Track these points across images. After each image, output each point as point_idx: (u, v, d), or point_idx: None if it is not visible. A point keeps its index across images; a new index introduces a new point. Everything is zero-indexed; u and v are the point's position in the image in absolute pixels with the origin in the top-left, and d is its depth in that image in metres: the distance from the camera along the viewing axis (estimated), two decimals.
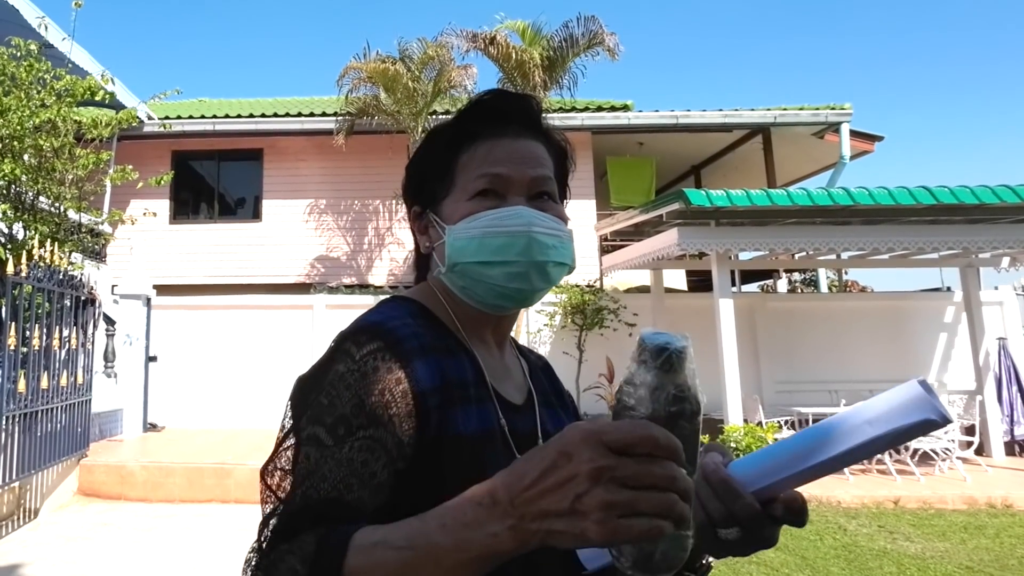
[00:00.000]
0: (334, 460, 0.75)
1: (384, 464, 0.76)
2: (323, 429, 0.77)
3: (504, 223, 0.89)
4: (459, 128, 0.96)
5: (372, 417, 0.77)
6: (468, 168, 0.93)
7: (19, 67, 7.37)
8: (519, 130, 0.95)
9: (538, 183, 0.93)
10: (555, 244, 0.91)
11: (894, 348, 10.33)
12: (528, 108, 0.97)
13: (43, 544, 5.73)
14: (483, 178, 0.91)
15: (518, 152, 0.93)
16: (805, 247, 8.15)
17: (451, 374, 0.86)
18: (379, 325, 0.85)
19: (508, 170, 0.92)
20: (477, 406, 0.88)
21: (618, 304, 10.04)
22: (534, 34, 11.26)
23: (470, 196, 0.92)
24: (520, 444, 0.91)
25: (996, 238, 7.90)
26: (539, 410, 0.99)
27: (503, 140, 0.93)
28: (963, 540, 5.87)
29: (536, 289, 0.92)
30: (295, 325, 10.54)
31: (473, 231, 0.90)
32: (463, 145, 0.94)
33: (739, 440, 6.89)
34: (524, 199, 0.92)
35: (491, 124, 0.94)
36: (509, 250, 0.89)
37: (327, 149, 12.11)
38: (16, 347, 6.03)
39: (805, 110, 11.72)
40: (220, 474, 7.29)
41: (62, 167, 7.71)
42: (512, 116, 0.96)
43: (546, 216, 0.92)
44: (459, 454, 0.82)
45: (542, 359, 1.15)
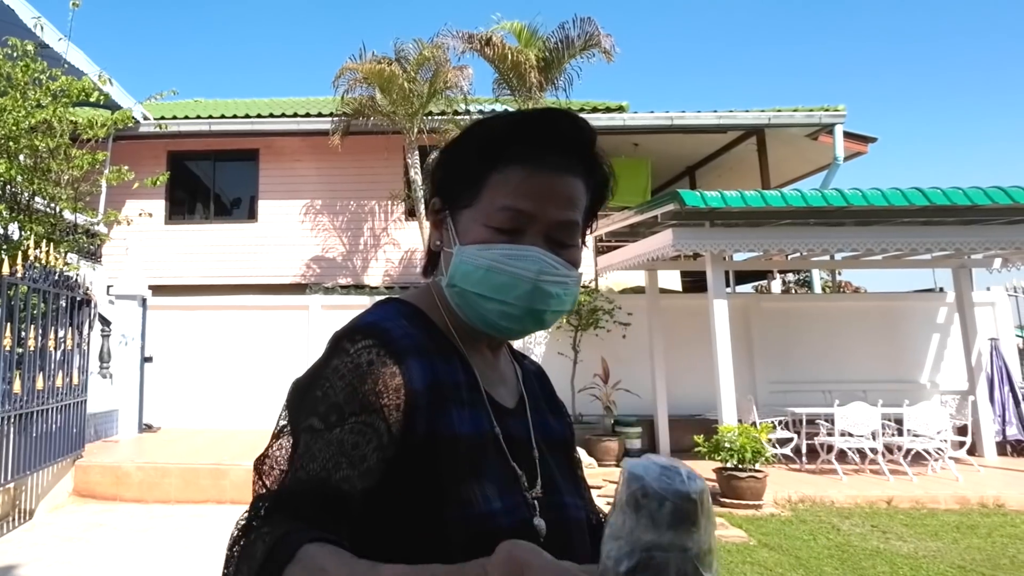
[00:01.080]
0: (324, 441, 0.77)
1: (374, 448, 0.77)
2: (316, 418, 0.79)
3: (513, 263, 0.86)
4: (500, 140, 0.90)
5: (364, 404, 0.78)
6: (497, 189, 0.88)
7: (15, 67, 7.36)
8: (561, 161, 0.89)
9: (562, 228, 0.89)
10: (559, 293, 0.88)
11: (887, 348, 10.38)
12: (581, 139, 0.92)
13: (38, 545, 5.73)
14: (507, 212, 0.87)
15: (552, 190, 0.88)
16: (799, 248, 8.18)
17: (443, 375, 0.86)
18: (374, 325, 0.86)
19: (535, 208, 0.87)
20: (470, 409, 0.88)
21: (613, 304, 10.06)
22: (530, 35, 11.28)
23: (489, 223, 0.88)
24: (514, 449, 0.91)
25: (988, 239, 7.94)
26: (530, 415, 0.98)
27: (539, 172, 0.88)
28: (955, 539, 5.91)
29: (526, 331, 0.91)
30: (291, 325, 10.53)
31: (480, 260, 0.87)
32: (499, 160, 0.89)
33: (733, 441, 6.90)
34: (542, 240, 0.88)
35: (536, 148, 0.89)
36: (510, 291, 0.86)
37: (323, 150, 12.11)
38: (11, 348, 6.02)
39: (799, 111, 11.76)
40: (216, 475, 7.29)
41: (58, 167, 7.71)
42: (560, 144, 0.90)
43: (558, 263, 0.87)
44: (454, 455, 0.82)
45: (536, 365, 1.14)
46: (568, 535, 0.92)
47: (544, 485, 0.92)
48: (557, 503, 0.93)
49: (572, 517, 0.94)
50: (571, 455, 1.06)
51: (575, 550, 0.92)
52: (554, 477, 0.95)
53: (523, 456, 0.92)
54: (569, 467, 1.03)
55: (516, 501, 0.86)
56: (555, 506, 0.92)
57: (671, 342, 9.76)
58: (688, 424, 9.19)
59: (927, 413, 8.06)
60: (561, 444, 1.03)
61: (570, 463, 1.04)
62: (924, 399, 9.13)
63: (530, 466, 0.92)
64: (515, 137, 0.90)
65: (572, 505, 0.96)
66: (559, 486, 0.95)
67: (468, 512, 0.80)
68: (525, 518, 0.86)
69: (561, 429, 1.05)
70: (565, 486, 0.97)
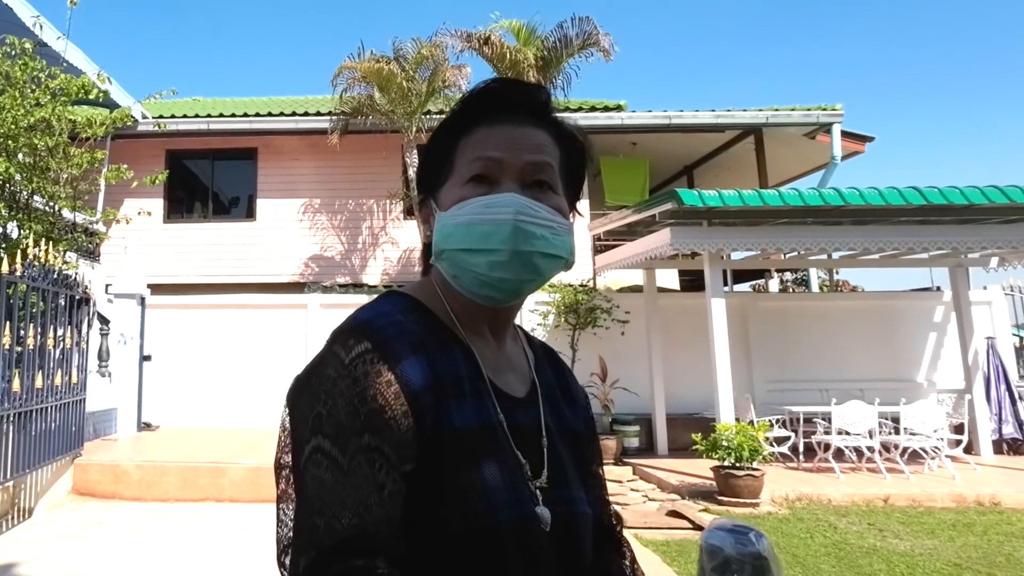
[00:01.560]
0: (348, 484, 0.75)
1: (387, 472, 0.76)
2: (327, 441, 0.77)
3: (490, 210, 0.85)
4: (462, 113, 0.93)
5: (368, 424, 0.77)
6: (465, 153, 0.90)
7: (13, 66, 7.36)
8: (523, 117, 0.91)
9: (535, 169, 0.89)
10: (544, 234, 0.86)
11: (884, 347, 10.40)
12: (535, 97, 0.94)
13: (38, 543, 5.73)
14: (477, 162, 0.88)
15: (516, 137, 0.90)
16: (797, 247, 8.20)
17: (444, 370, 0.85)
18: (367, 324, 0.84)
19: (503, 154, 0.88)
20: (473, 400, 0.86)
21: (611, 303, 10.08)
22: (528, 34, 11.30)
23: (464, 181, 0.89)
24: (521, 438, 0.89)
25: (985, 238, 7.96)
26: (542, 404, 0.96)
27: (503, 126, 0.90)
28: (952, 537, 5.92)
29: (523, 280, 0.87)
30: (289, 324, 10.53)
31: (460, 218, 0.87)
32: (463, 130, 0.92)
33: (731, 439, 6.92)
34: (518, 186, 0.88)
35: (494, 110, 0.91)
36: (492, 238, 0.85)
37: (321, 148, 12.11)
38: (11, 346, 6.03)
39: (797, 111, 11.78)
40: (215, 473, 7.29)
41: (56, 166, 7.71)
42: (517, 104, 0.93)
43: (538, 205, 0.87)
44: (456, 449, 0.81)
45: (550, 351, 1.11)
46: (575, 529, 0.91)
47: (552, 477, 0.90)
48: (566, 497, 0.91)
49: (579, 511, 0.92)
50: (584, 448, 1.03)
51: (581, 545, 0.92)
52: (564, 469, 0.93)
53: (532, 446, 0.91)
54: (582, 460, 1.00)
55: (520, 494, 0.85)
56: (563, 500, 0.90)
57: (669, 341, 9.78)
58: (686, 423, 9.21)
59: (924, 412, 8.08)
60: (573, 435, 1.00)
61: (583, 456, 1.01)
62: (921, 398, 9.14)
63: (538, 456, 0.90)
64: (474, 106, 0.93)
65: (580, 499, 0.94)
66: (568, 479, 0.93)
67: (469, 507, 0.80)
68: (528, 512, 0.84)
69: (575, 420, 1.03)
70: (575, 479, 0.95)
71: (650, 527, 6.16)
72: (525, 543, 0.82)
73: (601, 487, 1.06)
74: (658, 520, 6.32)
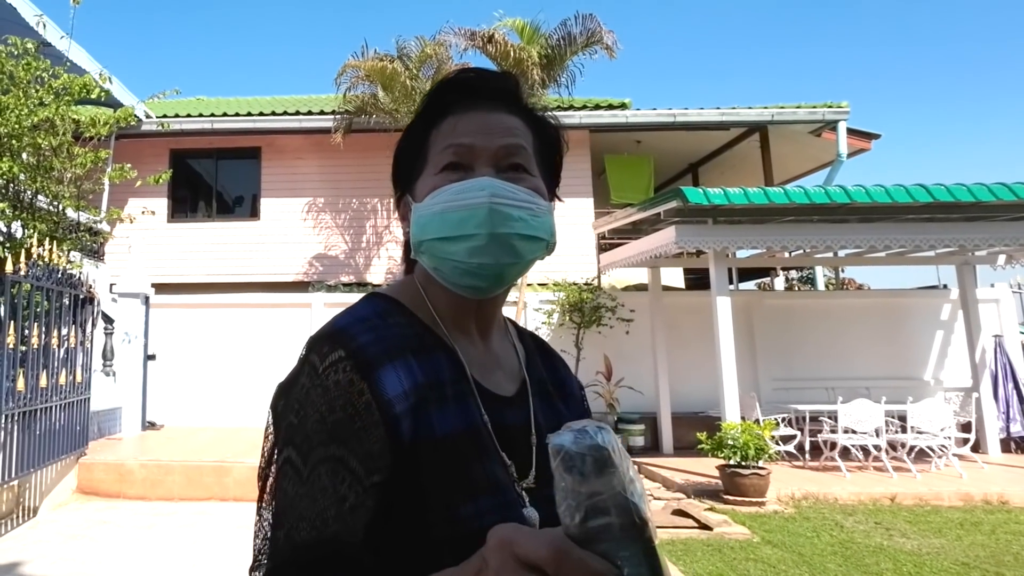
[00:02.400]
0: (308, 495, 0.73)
1: (350, 484, 0.74)
2: (294, 451, 0.76)
3: (464, 195, 0.83)
4: (432, 104, 0.92)
5: (334, 435, 0.75)
6: (437, 143, 0.89)
7: (17, 65, 7.36)
8: (492, 104, 0.90)
9: (508, 152, 0.87)
10: (522, 216, 0.84)
11: (891, 345, 10.36)
12: (504, 84, 0.93)
13: (42, 542, 5.74)
14: (448, 149, 0.87)
15: (487, 123, 0.88)
16: (802, 245, 8.16)
17: (422, 376, 0.82)
18: (342, 332, 0.81)
19: (474, 140, 0.87)
20: (456, 404, 0.83)
21: (616, 302, 10.05)
22: (532, 32, 11.26)
23: (437, 171, 0.87)
24: (510, 438, 0.87)
25: (992, 236, 7.92)
26: (532, 401, 0.94)
27: (473, 112, 0.89)
28: (959, 536, 5.89)
29: (503, 264, 0.85)
30: (293, 323, 10.53)
31: (435, 206, 0.85)
32: (434, 121, 0.91)
33: (736, 438, 6.90)
34: (492, 170, 0.86)
35: (463, 99, 0.90)
36: (468, 223, 0.82)
37: (325, 147, 12.11)
38: (15, 345, 6.04)
39: (802, 108, 11.73)
40: (219, 472, 7.30)
41: (60, 165, 7.70)
42: (487, 91, 0.91)
43: (514, 187, 0.85)
44: (436, 457, 0.79)
45: (542, 344, 1.09)
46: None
47: (542, 476, 0.86)
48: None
49: None
50: None
51: None
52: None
53: (521, 446, 0.88)
54: None
55: (507, 498, 0.82)
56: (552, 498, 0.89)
57: (674, 339, 9.75)
58: (691, 421, 9.19)
59: (931, 410, 8.04)
60: None
61: None
62: (928, 396, 9.10)
63: (527, 456, 0.88)
64: (443, 96, 0.91)
65: None
66: None
67: (453, 514, 0.77)
68: (514, 516, 0.81)
69: (570, 415, 0.99)
70: None
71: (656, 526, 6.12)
72: None
73: None
74: (663, 519, 6.29)
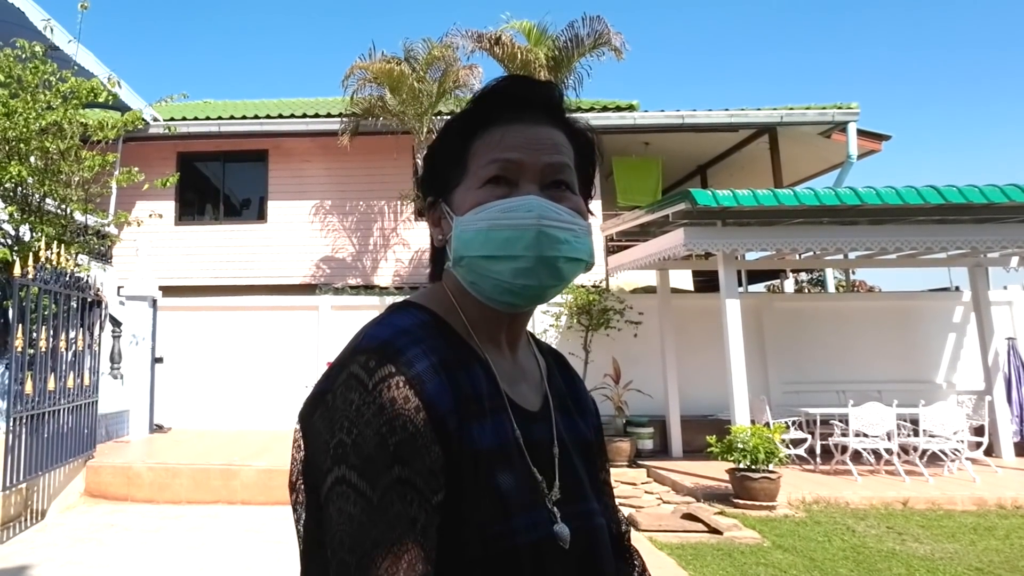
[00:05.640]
0: (382, 521, 0.72)
1: (419, 505, 0.73)
2: (354, 473, 0.74)
3: (512, 214, 0.83)
4: (474, 113, 0.91)
5: (398, 455, 0.74)
6: (480, 154, 0.87)
7: (25, 69, 7.39)
8: (537, 116, 0.89)
9: (554, 170, 0.87)
10: (567, 238, 0.84)
11: (902, 348, 10.28)
12: (548, 95, 0.92)
13: (50, 545, 5.74)
14: (494, 164, 0.86)
15: (533, 137, 0.87)
16: (812, 247, 8.10)
17: (466, 389, 0.82)
18: (388, 345, 0.80)
19: (521, 155, 0.85)
20: (492, 418, 0.84)
21: (624, 304, 10.01)
22: (539, 34, 11.25)
23: (480, 184, 0.86)
24: (535, 454, 0.87)
25: (1005, 237, 7.84)
26: (555, 416, 0.94)
27: (518, 125, 0.87)
28: (973, 541, 5.83)
29: (546, 286, 0.85)
30: (301, 326, 10.54)
31: (480, 223, 0.84)
32: (477, 131, 0.89)
33: (746, 441, 6.84)
34: (537, 187, 0.85)
35: (507, 109, 0.89)
36: (516, 244, 0.82)
37: (332, 150, 12.10)
38: (23, 349, 6.05)
39: (812, 109, 11.66)
40: (226, 475, 7.29)
41: (68, 169, 7.73)
42: (530, 102, 0.90)
43: (559, 207, 0.84)
44: (475, 470, 0.79)
45: (560, 358, 1.09)
46: (594, 542, 0.89)
47: (569, 490, 0.88)
48: (582, 510, 0.89)
49: (596, 524, 0.91)
50: (596, 458, 1.01)
51: (600, 557, 0.89)
52: (580, 481, 0.92)
53: (545, 460, 0.89)
54: (593, 470, 0.99)
55: (539, 514, 0.83)
56: (580, 514, 0.88)
57: (683, 342, 9.70)
58: (701, 425, 9.14)
59: (943, 413, 7.96)
60: (585, 445, 0.99)
61: (594, 466, 1.00)
62: (940, 399, 9.03)
63: (550, 469, 0.88)
64: (485, 105, 0.90)
65: (595, 511, 0.92)
66: (583, 491, 0.92)
67: (488, 531, 0.77)
68: (547, 533, 0.82)
69: (586, 430, 1.01)
70: (589, 491, 0.93)
71: (665, 530, 6.09)
72: (544, 564, 0.80)
73: (610, 495, 1.04)
74: (673, 523, 6.25)
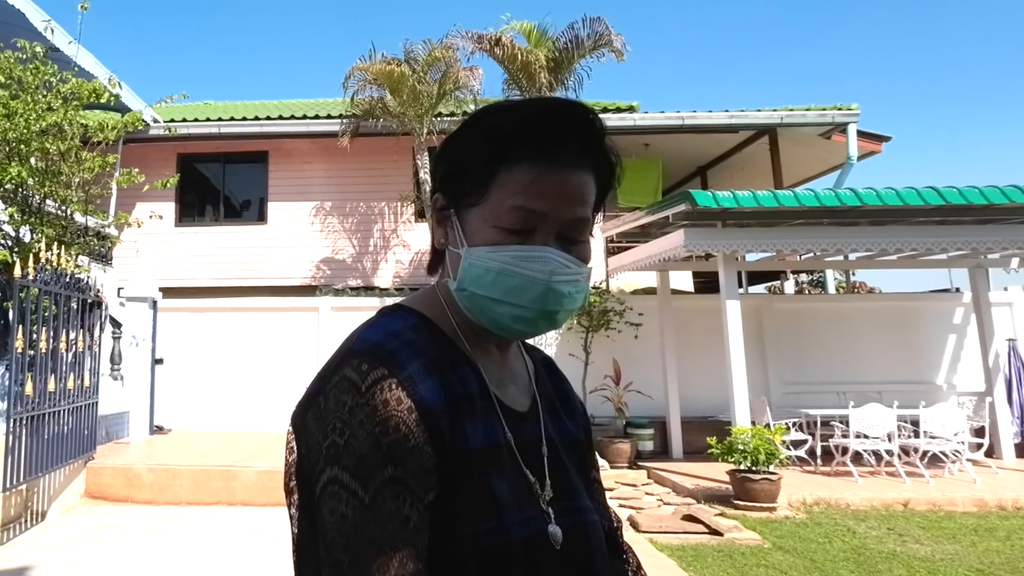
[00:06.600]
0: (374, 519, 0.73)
1: (411, 504, 0.75)
2: (346, 474, 0.75)
3: (524, 265, 0.82)
4: (509, 136, 0.85)
5: (391, 455, 0.75)
6: (506, 188, 0.84)
7: (25, 70, 7.39)
8: (573, 158, 0.85)
9: (574, 225, 0.86)
10: (571, 292, 0.85)
11: (903, 349, 10.28)
12: (589, 131, 0.88)
13: (50, 546, 5.73)
14: (519, 212, 0.83)
15: (564, 188, 0.84)
16: (812, 248, 8.11)
17: (457, 389, 0.84)
18: (379, 348, 0.81)
19: (546, 207, 0.83)
20: (483, 419, 0.85)
21: (624, 306, 10.01)
22: (540, 35, 11.25)
23: (500, 224, 0.84)
24: (526, 453, 0.89)
25: (1005, 238, 7.85)
26: (543, 417, 0.95)
27: (551, 171, 0.84)
28: (973, 543, 5.82)
29: (539, 332, 0.89)
30: (301, 327, 10.54)
31: (491, 263, 0.83)
32: (508, 160, 0.84)
33: (747, 442, 6.84)
34: (554, 238, 0.85)
35: (546, 144, 0.84)
36: (522, 294, 0.83)
37: (332, 151, 12.10)
38: (23, 350, 6.04)
39: (812, 111, 11.66)
40: (227, 476, 7.28)
41: (68, 170, 7.73)
42: (570, 140, 0.86)
43: (570, 262, 0.85)
44: (468, 470, 0.81)
45: (547, 359, 1.10)
46: (586, 540, 0.90)
47: (560, 490, 0.90)
48: (574, 508, 0.91)
49: (589, 520, 0.92)
50: (586, 457, 1.03)
51: (593, 555, 0.90)
52: (571, 481, 0.93)
53: (535, 460, 0.90)
54: (584, 469, 1.00)
55: (531, 512, 0.84)
56: (572, 511, 0.90)
57: (683, 343, 9.70)
58: (701, 426, 9.13)
59: (944, 414, 7.96)
60: (575, 445, 1.00)
61: (585, 465, 1.01)
62: (941, 400, 9.02)
63: (540, 469, 0.90)
64: (524, 133, 0.85)
65: (588, 508, 0.94)
66: (575, 490, 0.93)
67: (480, 528, 0.79)
68: (539, 529, 0.84)
69: (575, 430, 1.02)
70: (581, 489, 0.95)
71: (665, 531, 6.08)
72: (537, 562, 0.82)
73: (601, 493, 1.05)
74: (673, 524, 6.24)
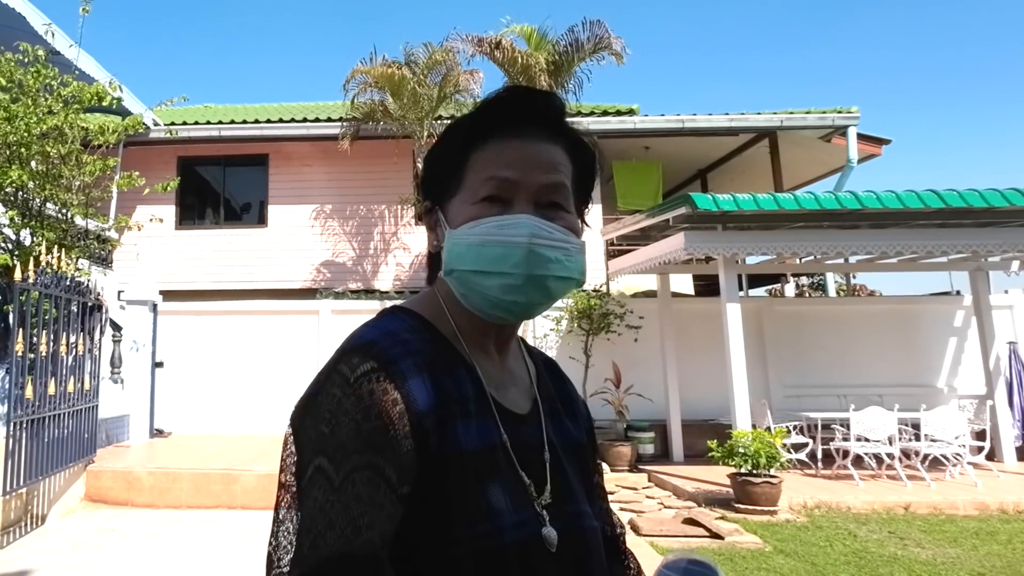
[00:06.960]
0: (339, 502, 0.73)
1: (385, 492, 0.75)
2: (326, 460, 0.76)
3: (503, 232, 0.84)
4: (474, 124, 0.91)
5: (369, 443, 0.75)
6: (477, 168, 0.88)
7: (26, 74, 7.40)
8: (537, 131, 0.89)
9: (549, 190, 0.88)
10: (558, 257, 0.85)
11: (904, 352, 10.27)
12: (550, 108, 0.92)
13: (50, 550, 5.72)
14: (490, 181, 0.86)
15: (532, 155, 0.88)
16: (813, 251, 8.10)
17: (450, 390, 0.84)
18: (373, 344, 0.82)
19: (517, 174, 0.86)
20: (477, 420, 0.85)
21: (625, 309, 10.00)
22: (540, 38, 11.27)
23: (476, 199, 0.87)
24: (524, 457, 0.88)
25: (1006, 241, 7.84)
26: (544, 420, 0.95)
27: (516, 142, 0.88)
28: (975, 546, 5.81)
29: (535, 303, 0.87)
30: (301, 330, 10.53)
31: (471, 238, 0.85)
32: (476, 142, 0.89)
33: (747, 446, 6.83)
34: (532, 206, 0.87)
35: (508, 122, 0.89)
36: (506, 261, 0.84)
37: (333, 154, 12.11)
38: (23, 353, 6.04)
39: (812, 113, 11.68)
40: (227, 480, 7.28)
41: (69, 173, 7.73)
42: (531, 116, 0.90)
43: (552, 227, 0.86)
44: (461, 471, 0.81)
45: (550, 362, 1.10)
46: (584, 544, 0.90)
47: (558, 493, 0.89)
48: (572, 511, 0.90)
49: (587, 525, 0.92)
50: (588, 460, 1.02)
51: (590, 559, 0.90)
52: (570, 484, 0.93)
53: (535, 463, 0.90)
54: (586, 473, 1.00)
55: (525, 515, 0.84)
56: (570, 515, 0.89)
57: (684, 346, 9.69)
58: (701, 429, 9.12)
59: (945, 418, 7.95)
60: (577, 448, 0.99)
61: (587, 468, 1.01)
62: (942, 403, 9.01)
63: (541, 473, 0.89)
64: (488, 116, 0.90)
65: (586, 513, 0.93)
66: (574, 494, 0.93)
67: (474, 530, 0.79)
68: (533, 533, 0.84)
69: (578, 433, 1.02)
70: (580, 493, 0.94)
71: (666, 535, 6.07)
72: (531, 565, 0.82)
73: (603, 498, 1.05)
74: (674, 528, 6.23)
